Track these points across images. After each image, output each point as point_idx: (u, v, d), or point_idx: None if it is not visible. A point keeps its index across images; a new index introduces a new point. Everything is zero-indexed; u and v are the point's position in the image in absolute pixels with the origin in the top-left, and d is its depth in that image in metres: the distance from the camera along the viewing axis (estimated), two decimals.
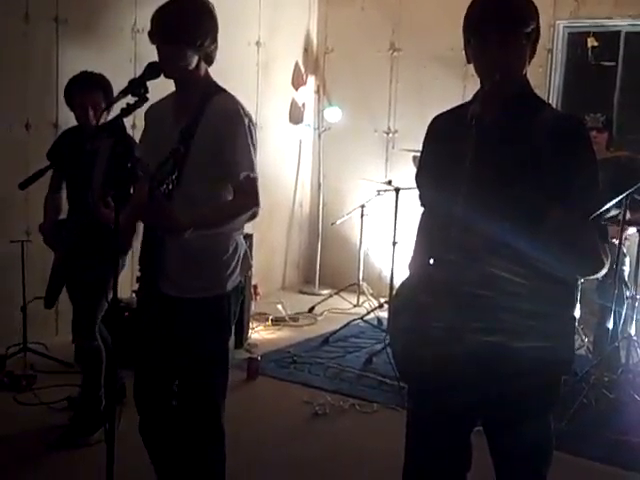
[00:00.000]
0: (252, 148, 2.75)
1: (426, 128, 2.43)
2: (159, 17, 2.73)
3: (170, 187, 2.44)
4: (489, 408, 2.28)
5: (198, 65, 2.76)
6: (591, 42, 6.26)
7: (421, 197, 2.46)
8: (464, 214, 2.15)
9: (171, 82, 2.82)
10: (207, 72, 2.82)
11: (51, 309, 4.10)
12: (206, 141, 2.70)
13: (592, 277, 2.25)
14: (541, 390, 2.24)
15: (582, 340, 5.14)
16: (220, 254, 2.79)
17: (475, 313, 2.17)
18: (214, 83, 2.84)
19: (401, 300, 2.44)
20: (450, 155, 2.24)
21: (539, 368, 2.17)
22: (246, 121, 2.74)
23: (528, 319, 2.16)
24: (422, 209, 2.48)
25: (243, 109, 2.77)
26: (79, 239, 3.84)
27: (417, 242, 2.47)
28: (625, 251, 4.91)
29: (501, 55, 2.14)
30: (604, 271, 2.19)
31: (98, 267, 3.79)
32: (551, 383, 2.29)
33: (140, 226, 2.96)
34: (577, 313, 4.85)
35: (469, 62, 2.27)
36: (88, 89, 3.89)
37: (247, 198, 2.76)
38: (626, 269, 5.03)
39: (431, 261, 2.31)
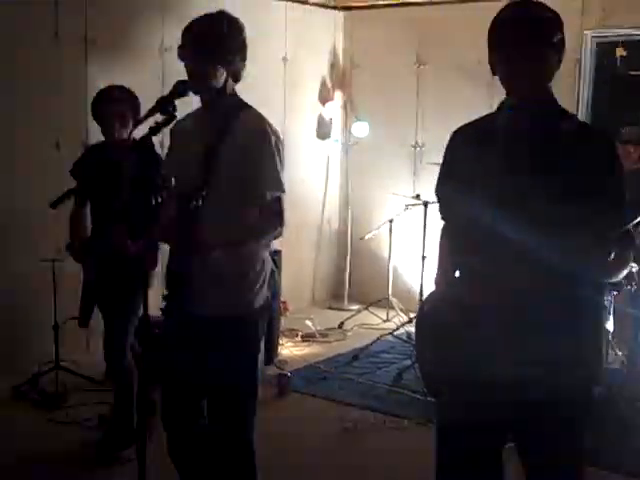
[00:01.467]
0: (279, 166, 2.74)
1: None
2: (190, 31, 2.75)
3: (200, 203, 2.44)
4: (520, 420, 2.26)
5: (226, 81, 2.77)
6: (620, 52, 6.20)
7: (443, 210, 2.44)
8: (495, 226, 2.14)
9: (197, 98, 2.84)
10: (234, 89, 2.83)
11: (86, 327, 4.14)
12: (233, 158, 2.69)
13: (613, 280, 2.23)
14: (573, 400, 2.22)
15: (616, 354, 5.07)
16: (247, 272, 2.78)
17: (504, 325, 2.16)
18: (240, 100, 2.84)
19: (427, 315, 2.43)
20: (478, 167, 2.22)
21: (571, 378, 2.16)
22: (273, 139, 2.73)
23: (556, 330, 2.15)
24: (443, 222, 2.47)
25: (270, 126, 2.76)
26: (107, 263, 3.88)
27: (441, 256, 2.45)
28: None
29: (530, 68, 2.14)
30: (624, 273, 2.17)
31: (128, 285, 3.81)
32: (582, 393, 2.26)
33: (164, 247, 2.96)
34: (610, 327, 4.79)
35: (494, 74, 2.26)
36: (115, 101, 3.92)
37: (273, 218, 2.76)
38: None
39: (457, 274, 2.30)
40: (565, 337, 2.15)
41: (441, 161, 2.43)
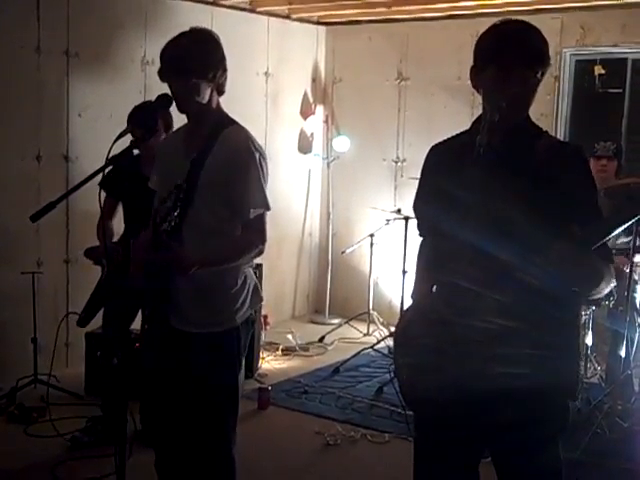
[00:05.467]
0: (264, 183, 2.75)
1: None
2: (169, 52, 2.74)
3: (172, 224, 2.43)
4: (495, 436, 2.27)
5: (211, 97, 2.77)
6: (598, 70, 6.27)
7: (421, 226, 2.46)
8: (472, 242, 2.15)
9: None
10: (219, 103, 2.83)
11: (84, 327, 4.12)
12: (215, 174, 2.70)
13: (597, 296, 2.24)
14: (547, 415, 2.23)
15: (595, 368, 5.10)
16: (228, 288, 2.78)
17: (480, 341, 2.17)
18: (225, 115, 2.84)
19: (404, 330, 2.44)
20: (455, 184, 2.23)
21: (543, 393, 2.17)
22: (257, 156, 2.73)
23: (531, 345, 2.16)
24: (421, 239, 2.49)
25: (254, 143, 2.76)
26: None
27: (418, 272, 2.48)
28: (637, 278, 4.88)
29: (516, 88, 2.17)
30: (609, 289, 2.18)
31: None
32: (557, 408, 2.27)
33: None
34: (589, 341, 4.81)
35: (474, 86, 2.28)
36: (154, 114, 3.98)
37: (255, 235, 2.76)
38: (637, 296, 5.00)
39: (434, 289, 2.31)
40: (541, 352, 2.16)
41: (418, 178, 2.45)
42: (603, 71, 6.24)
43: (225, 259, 2.75)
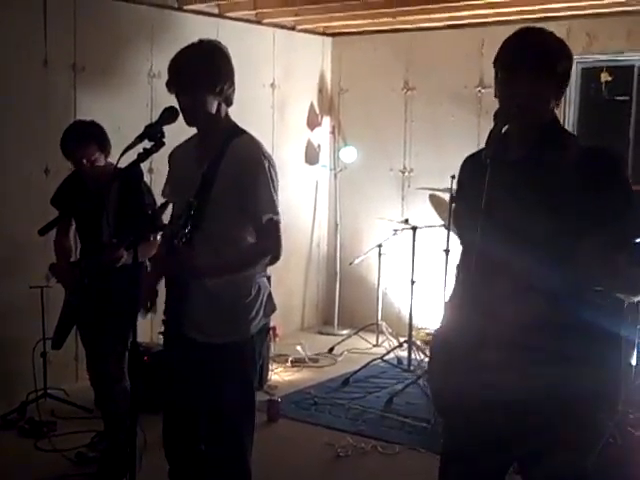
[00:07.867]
0: (273, 190, 2.77)
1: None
2: (176, 67, 2.74)
3: (183, 240, 2.45)
4: (522, 445, 2.25)
5: (218, 109, 2.78)
6: (604, 77, 6.26)
7: (459, 236, 2.47)
8: (481, 254, 2.14)
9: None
10: (227, 114, 2.84)
11: (58, 349, 4.08)
12: (227, 184, 2.71)
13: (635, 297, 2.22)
14: (572, 427, 2.20)
15: None
16: (242, 297, 2.79)
17: (512, 352, 2.16)
18: (234, 124, 2.86)
19: (436, 338, 2.44)
20: (475, 195, 2.23)
21: (569, 405, 2.15)
22: (266, 164, 2.76)
23: (558, 356, 2.14)
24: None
25: (262, 151, 2.79)
26: (94, 278, 3.85)
27: (456, 280, 2.47)
28: None
29: (521, 90, 2.16)
30: None
31: (116, 306, 3.79)
32: (585, 421, 2.23)
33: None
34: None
35: (496, 96, 2.29)
36: (83, 143, 3.90)
37: (269, 241, 2.78)
38: None
39: (467, 299, 2.31)
40: (565, 364, 2.14)
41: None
42: (610, 78, 6.23)
43: (241, 266, 2.75)
